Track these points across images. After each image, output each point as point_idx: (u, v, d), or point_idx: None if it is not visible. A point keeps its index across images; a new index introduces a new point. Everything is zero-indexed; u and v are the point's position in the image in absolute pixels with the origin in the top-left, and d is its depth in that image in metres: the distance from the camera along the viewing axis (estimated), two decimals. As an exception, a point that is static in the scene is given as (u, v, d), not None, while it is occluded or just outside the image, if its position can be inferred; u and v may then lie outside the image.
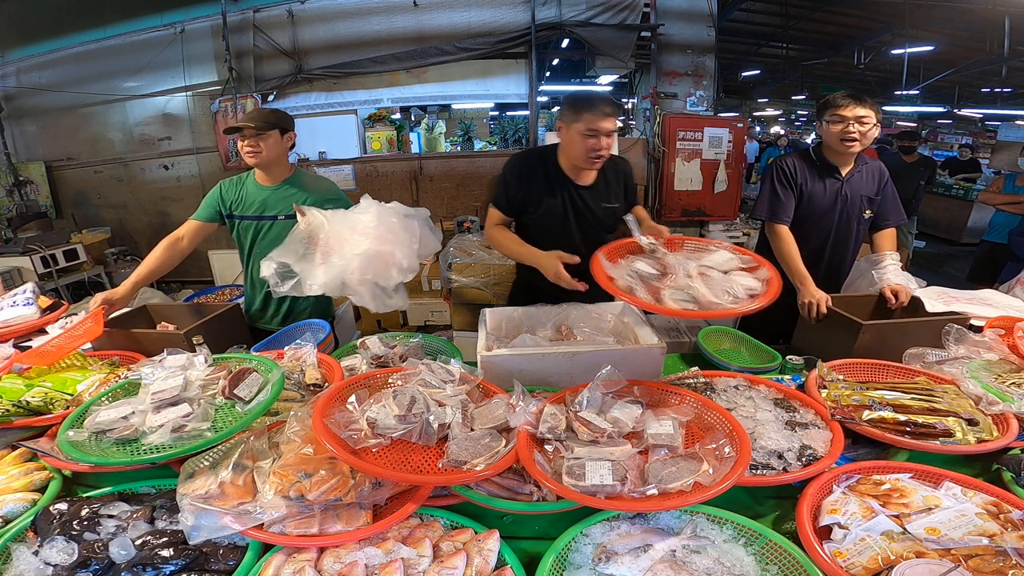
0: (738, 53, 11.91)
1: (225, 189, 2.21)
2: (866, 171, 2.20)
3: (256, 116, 2.09)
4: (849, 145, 2.05)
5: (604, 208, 2.05)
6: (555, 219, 2.01)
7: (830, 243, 2.25)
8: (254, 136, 2.06)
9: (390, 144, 5.22)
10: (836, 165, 2.18)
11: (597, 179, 2.03)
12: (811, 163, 2.22)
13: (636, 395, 1.32)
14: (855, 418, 1.29)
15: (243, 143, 2.07)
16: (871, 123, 2.02)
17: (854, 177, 2.19)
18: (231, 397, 1.29)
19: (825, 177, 2.19)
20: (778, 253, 2.15)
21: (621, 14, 4.77)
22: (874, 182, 2.21)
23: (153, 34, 5.20)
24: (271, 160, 2.13)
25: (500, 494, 1.11)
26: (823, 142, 2.20)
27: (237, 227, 2.22)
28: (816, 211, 2.20)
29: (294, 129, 2.20)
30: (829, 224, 2.22)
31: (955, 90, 12.45)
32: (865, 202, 2.20)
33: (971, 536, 0.95)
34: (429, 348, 1.90)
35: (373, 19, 4.93)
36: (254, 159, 2.10)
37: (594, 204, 2.03)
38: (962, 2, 7.14)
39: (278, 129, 2.11)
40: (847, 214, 2.21)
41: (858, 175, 2.19)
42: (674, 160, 5.06)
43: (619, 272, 1.57)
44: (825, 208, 2.20)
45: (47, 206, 5.71)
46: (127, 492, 1.20)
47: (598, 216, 2.05)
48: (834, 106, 2.05)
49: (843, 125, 2.03)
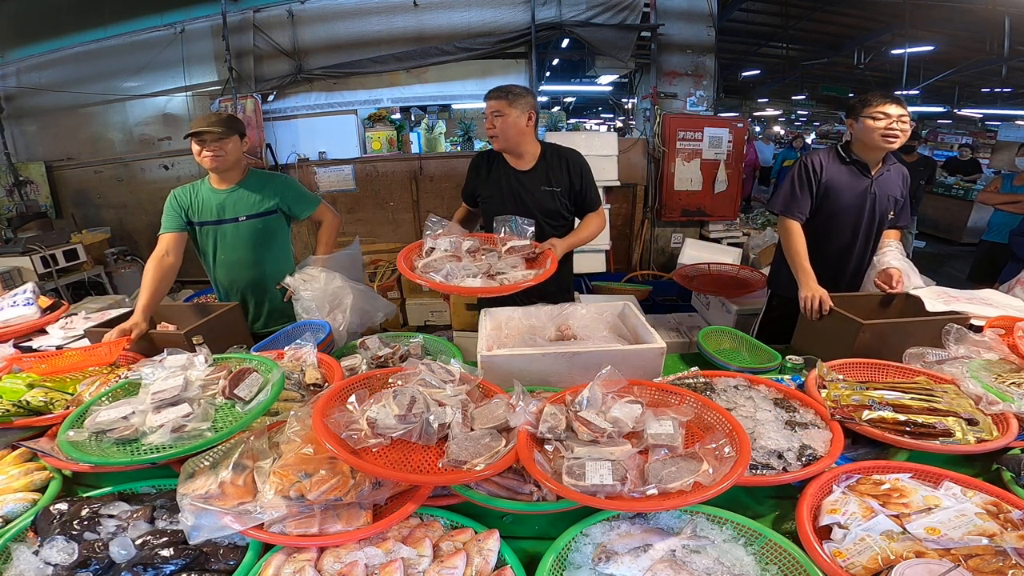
0: (738, 53, 11.91)
1: (180, 197, 2.20)
2: (894, 171, 2.23)
3: (216, 121, 2.08)
4: (891, 142, 2.06)
5: (542, 191, 2.20)
6: (496, 202, 2.22)
7: (859, 241, 2.27)
8: (217, 140, 2.06)
9: (390, 144, 5.22)
10: (867, 163, 2.19)
11: (536, 165, 2.21)
12: (840, 160, 2.23)
13: (636, 395, 1.32)
14: (855, 418, 1.29)
15: (203, 148, 2.06)
16: (907, 122, 2.06)
17: (883, 176, 2.21)
18: (231, 397, 1.29)
19: (855, 175, 2.20)
20: (785, 247, 2.20)
21: (621, 14, 4.77)
22: (900, 184, 2.24)
23: (153, 34, 5.20)
24: (231, 164, 2.14)
25: (500, 494, 1.11)
26: (854, 139, 2.21)
27: (197, 233, 2.23)
28: (844, 207, 2.22)
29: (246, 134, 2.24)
30: (858, 221, 2.24)
31: (955, 90, 12.45)
32: (891, 203, 2.24)
33: (971, 536, 0.95)
34: (429, 348, 1.90)
35: (373, 19, 4.93)
36: (215, 163, 2.09)
37: (534, 187, 2.20)
38: (962, 2, 7.14)
39: (237, 134, 2.12)
40: (875, 213, 2.23)
41: (887, 175, 2.21)
42: (674, 160, 5.06)
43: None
44: (854, 205, 2.21)
45: (47, 206, 5.71)
46: (127, 492, 1.20)
47: (536, 197, 2.21)
48: (876, 103, 2.07)
49: (887, 121, 2.05)
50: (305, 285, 2.05)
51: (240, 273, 2.27)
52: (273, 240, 2.27)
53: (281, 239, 2.32)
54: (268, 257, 2.28)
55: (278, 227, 2.29)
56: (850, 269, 2.31)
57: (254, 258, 2.26)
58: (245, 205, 2.19)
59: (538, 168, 2.20)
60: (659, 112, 5.08)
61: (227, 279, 2.30)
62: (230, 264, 2.26)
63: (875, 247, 2.32)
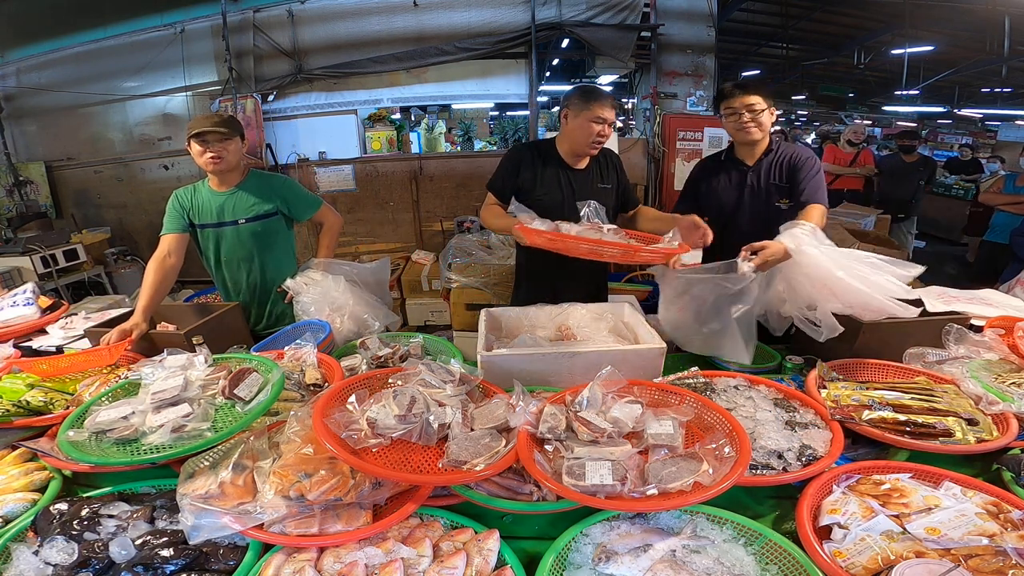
0: (738, 53, 11.91)
1: (182, 198, 2.19)
2: (776, 160, 2.12)
3: (219, 121, 2.05)
4: (746, 134, 2.05)
5: (598, 188, 2.20)
6: (554, 200, 2.15)
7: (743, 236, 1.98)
8: (220, 142, 2.04)
9: (390, 144, 5.22)
10: (741, 158, 2.17)
11: (590, 164, 2.19)
12: (718, 160, 2.24)
13: (636, 395, 1.32)
14: (855, 418, 1.29)
15: (206, 149, 2.03)
16: (761, 108, 2.02)
17: (762, 167, 2.13)
18: (231, 397, 1.29)
19: (730, 170, 2.19)
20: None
21: (621, 14, 4.77)
22: (783, 170, 2.11)
23: (153, 34, 5.20)
24: (232, 166, 2.13)
25: (500, 494, 1.11)
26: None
27: (199, 235, 2.22)
28: (721, 205, 2.20)
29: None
30: (740, 217, 2.18)
31: (955, 90, 12.44)
32: (774, 190, 2.12)
33: (971, 536, 0.95)
34: (429, 348, 1.90)
35: (373, 19, 4.93)
36: (217, 165, 2.07)
37: (590, 185, 2.19)
38: (962, 2, 7.14)
39: (239, 135, 2.11)
40: (756, 204, 2.15)
41: (767, 164, 2.12)
42: (674, 160, 5.06)
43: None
44: (730, 202, 2.18)
45: (47, 206, 5.71)
46: (127, 492, 1.20)
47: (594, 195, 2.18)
48: (723, 98, 2.07)
49: (735, 116, 2.04)
50: (306, 288, 2.04)
51: (242, 275, 2.27)
52: (274, 242, 2.27)
53: (282, 241, 2.31)
54: (270, 259, 2.27)
55: (279, 229, 2.28)
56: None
57: (255, 260, 2.25)
58: (244, 207, 2.17)
59: (591, 167, 2.21)
60: (659, 112, 5.08)
61: (229, 281, 2.30)
62: (232, 266, 2.26)
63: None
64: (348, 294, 2.05)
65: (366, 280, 2.24)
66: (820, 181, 2.06)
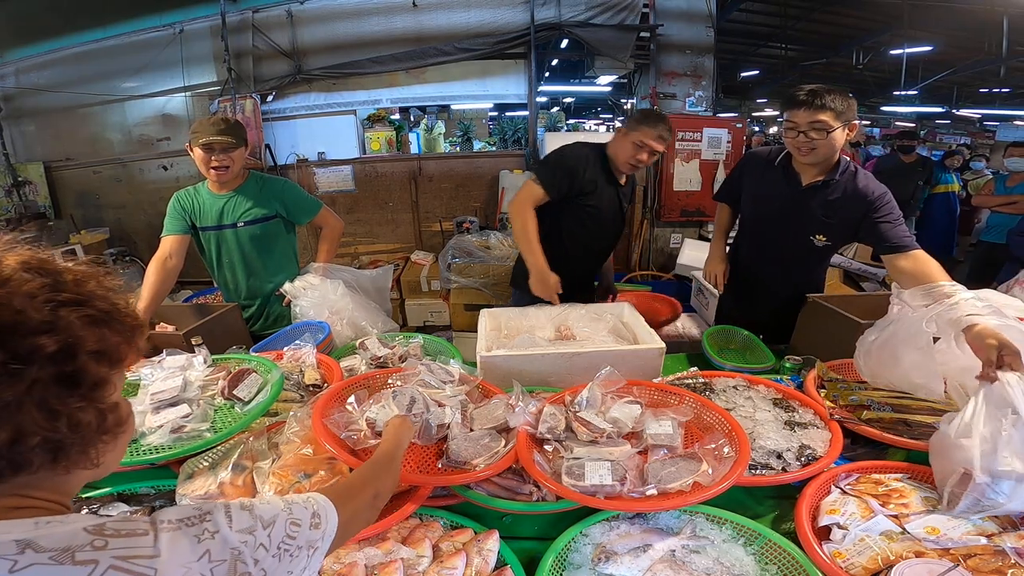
0: (737, 53, 11.92)
1: (183, 200, 2.18)
2: (835, 190, 1.78)
3: (225, 129, 2.01)
4: (802, 156, 1.74)
5: (625, 208, 2.32)
6: (603, 210, 2.19)
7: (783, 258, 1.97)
8: (226, 151, 2.01)
9: (389, 144, 5.22)
10: (797, 171, 1.85)
11: (626, 183, 2.28)
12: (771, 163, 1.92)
13: (635, 395, 1.32)
14: (854, 418, 1.30)
15: (212, 157, 2.01)
16: (832, 127, 1.63)
17: (816, 194, 1.82)
18: (230, 398, 1.29)
19: (779, 181, 1.88)
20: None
21: (620, 14, 4.77)
22: (838, 205, 1.78)
23: (152, 34, 5.19)
24: (236, 174, 2.12)
25: (500, 494, 1.11)
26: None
27: (200, 237, 2.22)
28: (758, 216, 2.02)
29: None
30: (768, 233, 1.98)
31: (953, 90, 12.46)
32: (818, 225, 1.84)
33: (970, 536, 0.95)
34: (429, 348, 1.90)
35: (372, 19, 4.92)
36: (222, 176, 2.05)
37: (626, 204, 2.32)
38: (960, 2, 7.15)
39: (244, 143, 2.10)
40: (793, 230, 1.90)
41: (823, 193, 1.80)
42: (673, 160, 5.06)
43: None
44: (772, 216, 1.93)
45: (46, 206, 5.69)
46: (127, 492, 1.19)
47: (624, 214, 2.32)
48: (788, 106, 1.71)
49: (794, 133, 1.71)
50: (304, 293, 2.04)
51: (242, 277, 2.27)
52: (274, 245, 2.26)
53: (283, 244, 2.30)
54: (270, 262, 2.27)
55: (278, 232, 2.27)
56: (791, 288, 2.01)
57: (255, 263, 2.25)
58: (244, 210, 2.16)
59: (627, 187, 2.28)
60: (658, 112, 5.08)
61: (230, 282, 2.30)
62: (232, 268, 2.26)
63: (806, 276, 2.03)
64: (346, 299, 2.05)
65: (365, 287, 2.24)
66: (902, 222, 1.73)
